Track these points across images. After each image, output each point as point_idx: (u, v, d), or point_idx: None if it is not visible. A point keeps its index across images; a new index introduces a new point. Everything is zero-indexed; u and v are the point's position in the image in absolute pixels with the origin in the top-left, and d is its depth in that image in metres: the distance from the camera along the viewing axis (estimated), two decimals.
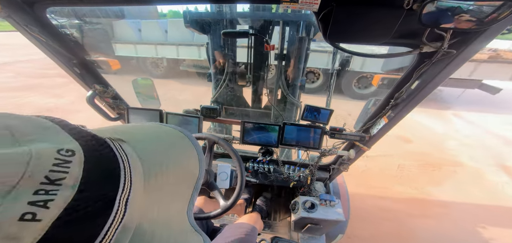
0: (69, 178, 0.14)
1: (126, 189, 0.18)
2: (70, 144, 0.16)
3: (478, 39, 0.52)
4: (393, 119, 0.82)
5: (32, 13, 0.72)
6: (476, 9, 0.45)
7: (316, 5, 0.50)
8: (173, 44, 5.28)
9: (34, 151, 0.14)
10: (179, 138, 0.28)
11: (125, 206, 0.17)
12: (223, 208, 0.81)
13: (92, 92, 1.05)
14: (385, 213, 2.15)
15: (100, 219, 0.16)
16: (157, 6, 4.90)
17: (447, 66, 0.60)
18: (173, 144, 0.26)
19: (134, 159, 0.20)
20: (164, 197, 0.23)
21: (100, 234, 0.15)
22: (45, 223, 0.13)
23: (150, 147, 0.23)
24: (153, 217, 0.21)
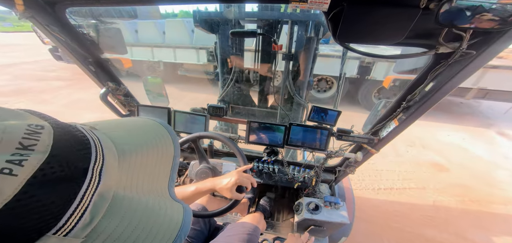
0: (40, 145, 0.16)
1: (99, 161, 0.20)
2: (39, 121, 0.19)
3: (501, 40, 0.49)
4: (404, 122, 0.79)
5: (53, 13, 0.76)
6: (499, 7, 0.42)
7: (326, 4, 0.49)
8: (170, 47, 4.99)
9: (7, 124, 0.16)
10: (153, 125, 0.32)
11: (99, 176, 0.19)
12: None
13: (105, 89, 1.10)
14: None
15: (75, 184, 0.18)
16: (166, 6, 4.94)
17: (465, 68, 0.57)
18: (148, 130, 0.30)
19: (105, 140, 0.23)
20: (145, 173, 0.26)
21: (77, 197, 0.17)
22: (21, 178, 0.14)
23: (123, 132, 0.27)
24: (133, 188, 0.24)
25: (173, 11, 23.65)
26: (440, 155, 3.06)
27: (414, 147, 3.26)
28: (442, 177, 2.64)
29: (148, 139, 0.29)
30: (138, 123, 0.31)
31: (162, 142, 0.30)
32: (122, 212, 0.21)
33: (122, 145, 0.24)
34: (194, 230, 0.92)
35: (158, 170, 0.29)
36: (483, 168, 2.81)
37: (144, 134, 0.29)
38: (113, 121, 0.29)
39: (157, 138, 0.30)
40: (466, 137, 3.54)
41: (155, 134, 0.30)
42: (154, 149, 0.28)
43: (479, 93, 3.66)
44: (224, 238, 0.90)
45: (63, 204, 0.17)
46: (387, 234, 1.89)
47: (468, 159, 2.98)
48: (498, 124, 4.02)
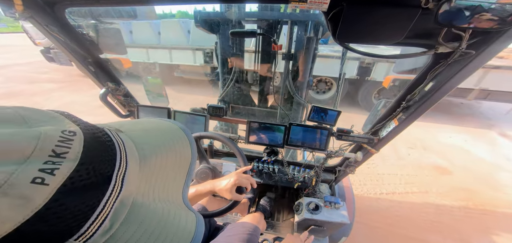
0: (71, 153, 0.17)
1: (122, 167, 0.20)
2: (72, 127, 0.19)
3: (500, 39, 0.49)
4: (404, 122, 0.79)
5: (52, 13, 0.76)
6: (498, 7, 0.42)
7: (326, 4, 0.49)
8: (165, 48, 4.81)
9: (43, 130, 0.17)
10: (173, 128, 0.31)
11: (122, 182, 0.20)
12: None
13: (105, 90, 1.09)
14: None
15: (99, 191, 0.18)
16: (165, 6, 4.89)
17: (465, 68, 0.57)
18: (167, 133, 0.30)
19: (129, 144, 0.23)
20: (162, 178, 0.26)
21: (100, 205, 0.18)
22: (52, 187, 0.15)
23: (145, 135, 0.27)
24: (150, 194, 0.24)
25: (170, 11, 23.34)
26: (442, 157, 2.99)
27: (416, 149, 3.18)
28: (445, 180, 2.57)
29: (167, 140, 0.28)
30: (158, 126, 0.30)
31: (180, 144, 0.30)
32: (140, 219, 0.21)
33: (144, 148, 0.24)
34: None
35: (175, 174, 0.29)
36: (486, 170, 2.75)
37: (163, 137, 0.29)
38: (136, 122, 0.29)
39: (175, 140, 0.30)
40: (467, 138, 3.47)
41: (173, 135, 0.30)
42: (172, 152, 0.28)
43: (481, 94, 3.62)
44: (224, 238, 0.90)
45: (87, 211, 0.17)
46: (390, 240, 1.85)
47: (470, 161, 2.92)
48: (500, 125, 3.96)
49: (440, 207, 2.19)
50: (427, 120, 3.95)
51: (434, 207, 2.19)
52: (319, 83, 4.42)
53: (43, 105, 4.26)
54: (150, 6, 1.19)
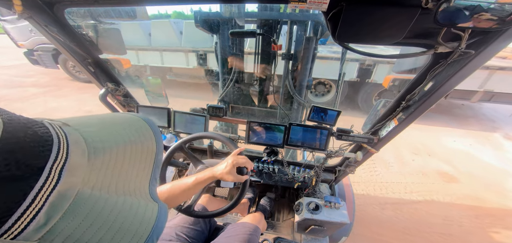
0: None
1: (60, 159, 0.19)
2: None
3: (499, 39, 0.49)
4: (404, 122, 0.80)
5: (51, 14, 0.76)
6: (497, 7, 0.43)
7: (325, 4, 0.50)
8: (156, 50, 4.55)
9: None
10: (134, 121, 0.30)
11: (59, 175, 0.19)
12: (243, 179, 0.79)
13: (104, 90, 1.09)
14: None
15: (24, 183, 0.17)
16: (165, 6, 4.83)
17: (464, 67, 0.57)
18: (127, 126, 0.28)
19: (75, 136, 0.22)
20: (121, 171, 0.25)
21: (27, 198, 0.17)
22: None
23: (97, 129, 0.25)
24: (104, 187, 0.23)
25: (166, 11, 22.73)
26: (448, 163, 2.87)
27: (420, 155, 3.05)
28: (451, 188, 2.44)
29: (127, 135, 0.27)
30: (117, 119, 0.29)
31: (142, 136, 0.29)
32: (85, 211, 0.20)
33: (95, 142, 0.23)
34: (194, 231, 0.92)
35: (137, 167, 0.28)
36: (494, 176, 2.64)
37: (122, 130, 0.27)
38: (90, 117, 0.27)
39: (137, 133, 0.28)
40: (472, 142, 3.36)
41: (135, 129, 0.29)
42: (132, 146, 0.27)
43: (485, 96, 3.54)
44: (224, 238, 0.90)
45: (8, 207, 0.16)
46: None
47: (477, 167, 2.80)
48: (504, 127, 3.84)
49: (448, 218, 2.08)
50: (430, 123, 3.86)
51: (441, 218, 2.09)
52: (317, 86, 4.32)
53: (25, 111, 4.05)
54: (142, 6, 1.16)
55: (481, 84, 3.43)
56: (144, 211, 0.25)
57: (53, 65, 5.14)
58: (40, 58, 5.08)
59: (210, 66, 4.40)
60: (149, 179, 0.29)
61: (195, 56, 4.44)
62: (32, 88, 5.08)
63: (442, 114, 4.26)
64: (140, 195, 0.27)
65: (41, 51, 4.95)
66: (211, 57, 4.30)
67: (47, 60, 5.06)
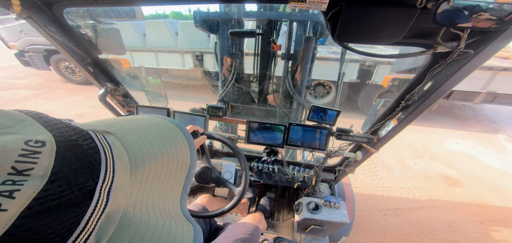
0: (38, 168, 0.14)
1: (108, 179, 0.18)
2: (41, 135, 0.16)
3: (498, 39, 0.49)
4: (403, 122, 0.80)
5: (50, 14, 0.76)
6: (496, 7, 0.43)
7: (325, 4, 0.50)
8: (151, 51, 4.39)
9: (0, 142, 0.14)
10: (169, 128, 0.28)
11: (107, 196, 0.18)
12: (238, 194, 0.80)
13: (104, 90, 1.09)
14: None
15: (78, 208, 0.16)
16: (164, 6, 4.69)
17: (463, 67, 0.57)
18: (164, 135, 0.26)
19: (119, 149, 0.20)
20: (157, 186, 0.24)
21: (81, 223, 0.16)
22: (11, 213, 0.13)
23: (139, 138, 0.23)
24: (143, 205, 0.22)
25: (164, 12, 21.77)
26: (450, 166, 2.81)
27: (422, 158, 2.98)
28: (455, 193, 2.38)
29: (164, 145, 0.25)
30: (155, 126, 0.27)
31: (178, 148, 0.27)
32: (130, 234, 0.19)
33: (137, 154, 0.22)
34: None
35: (171, 182, 0.26)
36: (498, 180, 2.59)
37: (160, 139, 0.25)
38: (129, 121, 0.25)
39: (173, 144, 0.26)
40: (475, 144, 3.32)
41: (171, 138, 0.27)
42: (169, 158, 0.25)
43: (488, 97, 3.51)
44: (224, 238, 0.90)
45: (64, 233, 0.15)
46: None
47: (480, 170, 2.75)
48: (506, 128, 3.79)
49: (453, 224, 2.01)
50: (432, 125, 3.81)
51: (446, 224, 2.02)
52: (317, 87, 4.22)
53: None
54: (142, 6, 1.16)
55: (484, 86, 3.39)
56: (181, 234, 0.24)
57: (45, 67, 5.00)
58: (31, 59, 4.91)
59: (207, 67, 4.31)
60: (180, 194, 0.28)
61: (191, 57, 4.30)
62: (24, 91, 4.88)
63: (443, 115, 4.20)
64: (173, 212, 0.26)
65: (32, 53, 4.80)
66: (207, 58, 4.21)
67: (39, 61, 4.91)
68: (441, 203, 2.27)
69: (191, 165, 0.29)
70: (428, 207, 2.22)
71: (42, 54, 4.82)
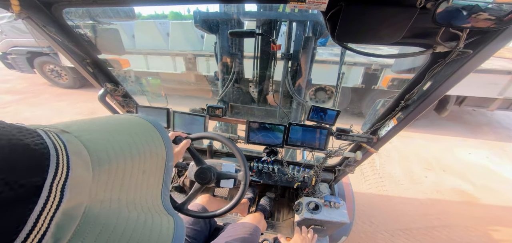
0: None
1: (61, 175, 0.17)
2: None
3: (497, 39, 0.49)
4: (403, 121, 0.80)
5: (49, 14, 0.76)
6: (494, 7, 0.43)
7: (324, 4, 0.50)
8: (140, 53, 4.10)
9: None
10: (141, 125, 0.27)
11: (61, 192, 0.17)
12: (242, 178, 0.80)
13: (103, 90, 1.09)
14: None
15: (22, 207, 0.15)
16: (164, 6, 4.61)
17: (463, 67, 0.58)
18: (134, 131, 0.26)
19: (76, 146, 0.20)
20: (130, 182, 0.23)
21: (28, 222, 0.15)
22: None
23: (101, 136, 0.23)
24: (114, 200, 0.21)
25: (163, 12, 21.16)
26: (465, 180, 2.55)
27: (433, 170, 2.72)
28: (470, 210, 2.14)
29: (134, 142, 0.25)
30: (123, 123, 0.26)
31: (152, 144, 0.27)
32: (97, 230, 0.18)
33: (99, 151, 0.21)
34: (194, 231, 0.92)
35: (148, 177, 0.25)
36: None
37: (129, 136, 0.25)
38: (92, 121, 0.25)
39: (145, 140, 0.26)
40: (489, 154, 3.07)
41: (143, 135, 0.26)
42: (141, 154, 0.25)
43: (504, 103, 3.25)
44: (224, 238, 0.90)
45: (7, 233, 0.14)
46: None
47: (498, 184, 2.49)
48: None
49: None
50: (441, 133, 3.55)
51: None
52: (318, 92, 3.98)
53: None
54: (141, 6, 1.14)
55: (501, 91, 3.08)
56: (159, 226, 0.23)
57: (29, 70, 4.75)
58: (14, 62, 4.63)
59: (200, 71, 4.02)
60: (161, 189, 0.27)
61: (183, 60, 4.00)
62: (6, 96, 4.62)
63: (454, 121, 3.90)
64: (153, 207, 0.25)
65: (15, 55, 4.54)
66: (200, 61, 3.93)
67: (22, 64, 4.64)
68: (455, 221, 2.04)
69: (168, 158, 0.29)
70: (441, 226, 1.99)
71: (25, 56, 4.55)
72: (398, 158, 3.02)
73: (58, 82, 5.12)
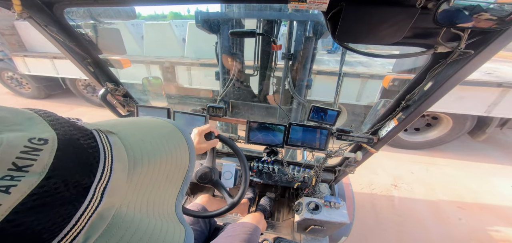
0: (37, 165, 0.15)
1: (105, 177, 0.18)
2: (45, 133, 0.16)
3: (499, 39, 0.49)
4: (404, 122, 0.80)
5: (51, 14, 0.76)
6: (496, 7, 0.43)
7: (325, 4, 0.49)
8: (106, 59, 2.77)
9: (6, 138, 0.14)
10: (170, 130, 0.28)
11: (102, 195, 0.18)
12: (230, 205, 0.81)
13: (104, 90, 1.09)
14: None
15: (71, 206, 0.16)
16: (164, 6, 4.61)
17: (464, 67, 0.57)
18: (164, 135, 0.27)
19: (119, 149, 0.21)
20: (154, 187, 0.24)
21: (71, 221, 0.16)
22: (5, 208, 0.13)
23: (140, 139, 0.23)
24: (137, 204, 0.22)
25: (162, 12, 20.10)
26: (509, 223, 2.00)
27: (468, 210, 2.13)
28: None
29: (163, 146, 0.25)
30: (156, 126, 0.27)
31: (177, 149, 0.27)
32: (120, 233, 0.19)
33: (136, 154, 0.22)
34: (194, 231, 0.92)
35: (169, 183, 0.26)
36: None
37: (160, 140, 0.25)
38: (133, 121, 0.26)
39: (173, 146, 0.26)
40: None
41: (172, 140, 0.27)
42: (168, 160, 0.25)
43: None
44: (224, 238, 0.90)
45: (54, 229, 0.15)
46: None
47: None
48: None
49: None
50: (475, 158, 2.90)
51: None
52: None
53: None
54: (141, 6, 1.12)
55: None
56: (172, 235, 0.24)
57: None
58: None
59: (181, 83, 3.28)
60: (176, 196, 0.27)
61: (159, 69, 3.29)
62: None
63: (489, 144, 3.14)
64: (167, 213, 0.25)
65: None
66: (180, 70, 3.18)
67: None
68: None
69: (189, 168, 0.29)
70: None
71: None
72: (422, 191, 2.42)
73: (21, 92, 4.50)
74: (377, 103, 1.01)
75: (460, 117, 2.63)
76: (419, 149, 3.12)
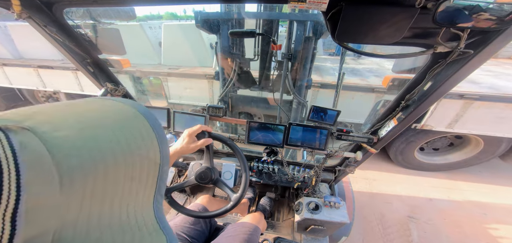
0: None
1: (11, 200, 0.12)
2: None
3: (498, 39, 0.49)
4: (403, 122, 0.80)
5: (50, 14, 0.76)
6: (495, 7, 0.43)
7: (325, 4, 0.50)
8: (68, 69, 2.57)
9: None
10: (129, 116, 0.21)
11: (13, 223, 0.13)
12: (234, 200, 0.81)
13: (104, 90, 1.09)
14: None
15: None
16: (164, 6, 4.58)
17: (463, 67, 0.58)
18: (119, 122, 0.19)
19: (36, 152, 0.14)
20: (114, 193, 0.18)
21: None
22: None
23: (74, 131, 0.16)
24: (92, 219, 0.17)
25: (158, 12, 18.36)
26: None
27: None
28: None
29: (117, 137, 0.18)
30: (105, 113, 0.19)
31: (141, 142, 0.20)
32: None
33: (71, 156, 0.15)
34: (195, 230, 0.92)
35: (137, 185, 0.20)
36: None
37: (111, 132, 0.18)
38: (65, 107, 0.18)
39: (133, 135, 0.20)
40: None
41: (130, 128, 0.20)
42: (127, 156, 0.19)
43: None
44: (224, 238, 0.90)
45: None
46: None
47: None
48: None
49: None
50: (502, 182, 2.44)
51: None
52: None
53: None
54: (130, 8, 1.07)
55: None
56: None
57: None
58: None
59: (166, 96, 2.49)
60: (153, 197, 0.22)
61: (129, 80, 2.48)
62: None
63: (509, 162, 2.61)
64: (144, 221, 0.21)
65: None
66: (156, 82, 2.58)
67: None
68: None
69: (163, 162, 0.22)
70: None
71: None
72: (444, 225, 2.00)
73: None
74: (377, 103, 1.00)
75: (493, 140, 2.17)
76: (436, 170, 2.66)
